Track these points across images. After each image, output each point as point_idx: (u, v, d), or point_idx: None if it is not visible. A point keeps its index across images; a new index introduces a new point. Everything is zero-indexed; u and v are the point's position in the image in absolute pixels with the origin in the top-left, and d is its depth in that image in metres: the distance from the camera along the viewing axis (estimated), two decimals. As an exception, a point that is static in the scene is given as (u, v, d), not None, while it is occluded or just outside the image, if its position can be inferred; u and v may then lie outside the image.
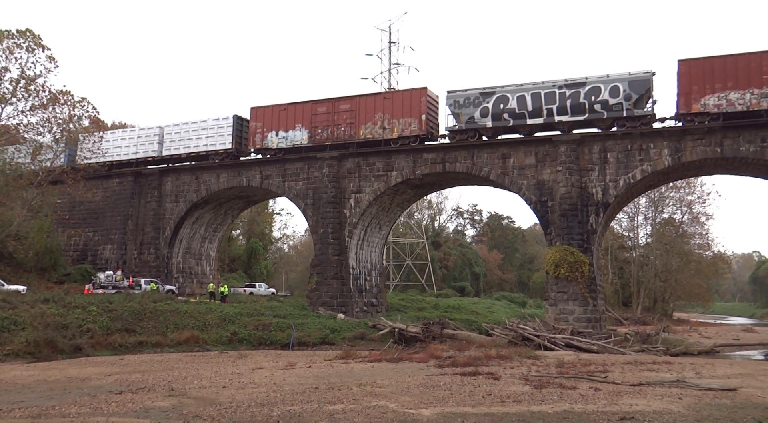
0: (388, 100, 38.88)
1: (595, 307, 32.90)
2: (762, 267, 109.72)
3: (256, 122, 42.12)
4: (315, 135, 40.31)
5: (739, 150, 31.40)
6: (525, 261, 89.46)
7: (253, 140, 42.16)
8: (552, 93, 34.50)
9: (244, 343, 31.14)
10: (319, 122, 40.26)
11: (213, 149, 43.23)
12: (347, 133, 39.46)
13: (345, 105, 39.80)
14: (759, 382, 19.38)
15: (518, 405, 14.64)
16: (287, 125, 41.07)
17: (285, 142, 41.06)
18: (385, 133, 38.35)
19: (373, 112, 38.85)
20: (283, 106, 41.41)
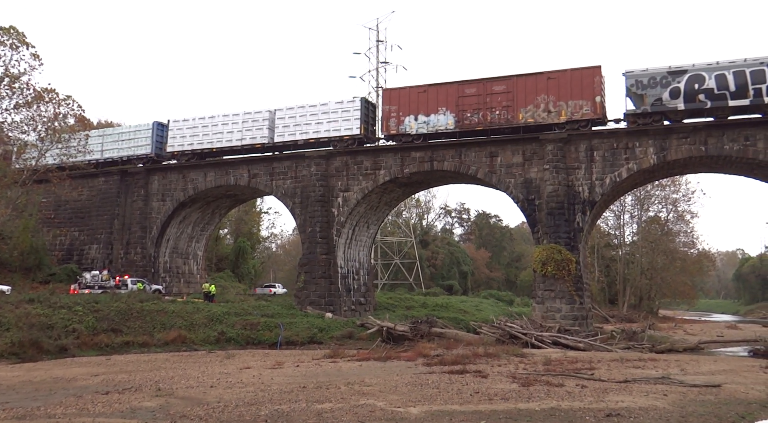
0: (554, 80, 35.04)
1: (581, 305, 33.12)
2: (745, 264, 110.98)
3: (390, 105, 38.29)
4: (463, 119, 36.58)
5: (723, 148, 31.74)
6: (512, 259, 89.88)
7: (386, 125, 38.39)
8: (760, 71, 31.05)
9: (231, 342, 31.04)
10: (467, 105, 36.49)
11: (337, 135, 39.49)
12: (503, 118, 35.73)
13: (499, 86, 36.10)
14: (742, 379, 19.61)
15: (506, 403, 14.72)
16: (428, 109, 37.26)
17: (426, 128, 37.29)
18: (551, 117, 34.84)
19: (534, 93, 35.25)
20: (422, 87, 37.76)
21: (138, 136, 45.85)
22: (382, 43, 59.11)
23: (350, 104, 39.71)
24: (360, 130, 38.95)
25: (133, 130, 46.48)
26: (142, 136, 45.71)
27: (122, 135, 46.72)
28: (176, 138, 44.45)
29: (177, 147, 44.30)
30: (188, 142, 43.92)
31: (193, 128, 43.98)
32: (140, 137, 45.72)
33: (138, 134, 45.91)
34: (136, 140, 45.79)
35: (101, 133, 47.42)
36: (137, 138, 45.83)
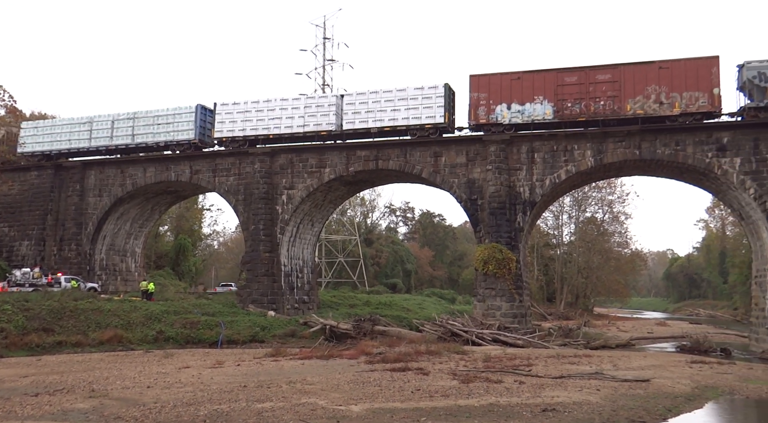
0: (666, 70, 33.04)
1: (521, 303, 33.91)
2: (675, 264, 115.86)
3: (479, 93, 35.66)
4: (562, 109, 34.45)
5: (656, 152, 33.07)
6: (455, 258, 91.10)
7: (474, 114, 35.64)
8: None
9: (170, 341, 30.35)
10: (567, 94, 34.41)
11: (417, 123, 36.62)
12: (608, 108, 33.71)
13: (604, 75, 34.07)
14: (670, 373, 20.53)
15: (446, 399, 14.96)
16: (523, 97, 34.95)
17: (520, 117, 34.91)
18: (662, 108, 32.96)
19: (643, 83, 33.28)
20: (515, 74, 35.38)
21: (178, 120, 41.70)
22: (329, 40, 58.98)
23: (432, 90, 36.75)
24: (444, 119, 36.28)
25: (171, 113, 42.10)
26: (183, 120, 41.57)
27: (158, 119, 42.29)
28: (225, 123, 40.42)
29: (226, 132, 40.28)
30: (239, 127, 40.09)
31: (245, 112, 40.19)
32: (181, 121, 41.60)
33: (178, 118, 41.76)
34: (176, 124, 41.68)
35: (131, 116, 42.98)
36: (177, 122, 41.68)
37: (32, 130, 45.27)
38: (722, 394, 17.80)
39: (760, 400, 17.58)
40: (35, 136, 44.99)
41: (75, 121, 44.35)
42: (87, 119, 43.82)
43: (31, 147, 44.86)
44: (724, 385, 18.92)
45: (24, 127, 45.48)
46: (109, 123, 43.11)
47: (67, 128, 44.28)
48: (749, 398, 17.61)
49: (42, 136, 44.80)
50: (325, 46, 58.84)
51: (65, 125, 44.60)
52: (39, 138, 44.83)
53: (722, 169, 31.95)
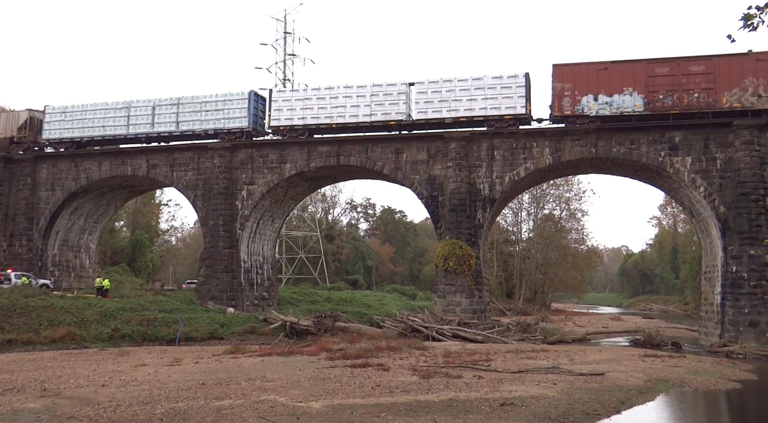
0: (764, 62, 31.95)
1: (480, 299, 34.32)
2: (629, 260, 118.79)
3: (563, 83, 34.31)
4: (654, 101, 33.26)
5: (611, 151, 33.84)
6: (416, 254, 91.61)
7: (558, 104, 34.30)
8: None
9: (126, 339, 29.73)
10: (658, 86, 33.17)
11: (496, 114, 35.07)
12: (703, 101, 32.50)
13: (697, 66, 32.83)
14: (623, 367, 21.07)
15: (406, 395, 15.04)
16: (610, 88, 33.74)
17: (608, 109, 33.67)
18: (761, 102, 31.92)
19: (739, 76, 32.15)
20: (602, 64, 34.12)
21: (229, 107, 39.28)
22: (290, 35, 58.44)
23: (512, 79, 35.25)
24: (526, 109, 34.88)
25: (221, 99, 39.58)
26: (235, 106, 39.13)
27: (206, 105, 39.77)
28: (282, 111, 38.26)
29: (284, 121, 38.15)
30: (299, 115, 38.09)
31: (305, 100, 38.14)
32: (232, 108, 39.20)
33: (229, 104, 39.31)
34: (227, 111, 39.27)
35: (174, 101, 40.37)
36: (228, 109, 39.27)
37: (59, 115, 42.09)
38: (673, 386, 18.38)
39: (709, 391, 18.21)
40: (62, 121, 41.91)
41: (110, 106, 41.45)
42: (124, 104, 41.05)
43: (59, 133, 41.90)
44: (674, 378, 19.53)
45: (49, 112, 42.32)
46: (150, 109, 40.48)
47: (101, 113, 41.37)
48: (698, 390, 18.23)
49: (71, 121, 41.76)
50: (286, 40, 58.30)
51: (99, 110, 41.56)
52: (67, 123, 41.80)
53: (674, 167, 32.90)
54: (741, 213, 31.36)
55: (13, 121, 43.07)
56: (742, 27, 10.79)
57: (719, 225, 32.02)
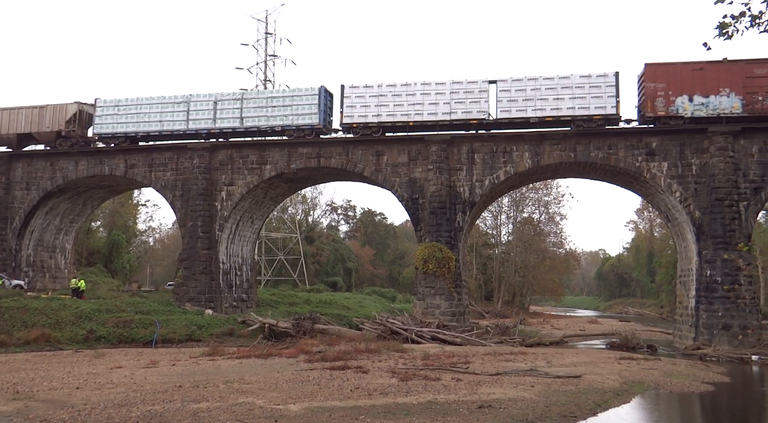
0: None
1: (459, 301, 34.46)
2: (606, 264, 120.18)
3: (656, 83, 33.28)
4: (752, 103, 32.42)
5: (590, 155, 34.22)
6: (396, 257, 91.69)
7: (650, 105, 33.25)
8: None
9: (102, 341, 29.34)
10: (757, 87, 32.18)
11: (584, 114, 34.16)
12: None
13: None
14: (600, 369, 21.29)
15: (385, 397, 15.04)
16: (706, 89, 32.74)
17: (704, 110, 32.65)
18: None
19: None
20: (698, 64, 32.79)
21: (298, 103, 37.75)
22: (271, 35, 58.26)
23: (601, 79, 34.41)
24: (616, 109, 33.97)
25: (290, 94, 38.19)
26: (305, 102, 37.65)
27: (272, 100, 38.31)
28: (355, 107, 36.85)
29: (357, 118, 36.72)
30: (373, 112, 36.71)
31: (379, 96, 36.75)
32: (301, 104, 37.69)
33: (298, 100, 37.79)
34: (295, 107, 37.74)
35: (238, 96, 38.97)
36: (296, 105, 37.74)
37: (111, 108, 40.31)
38: (648, 388, 18.63)
39: (683, 394, 18.49)
40: (115, 115, 40.23)
41: (168, 100, 39.69)
42: (183, 98, 39.27)
43: (111, 128, 40.07)
44: (650, 380, 19.79)
45: (101, 106, 40.48)
46: (211, 103, 38.91)
47: (158, 107, 39.65)
48: (672, 392, 18.50)
49: (124, 115, 40.09)
50: (267, 41, 58.10)
51: (155, 104, 39.87)
52: (120, 117, 40.09)
53: (651, 172, 33.37)
54: (715, 218, 31.91)
55: (61, 114, 40.95)
56: (718, 35, 11.01)
57: (694, 229, 32.54)
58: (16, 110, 41.56)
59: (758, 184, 32.16)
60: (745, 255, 31.05)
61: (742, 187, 32.16)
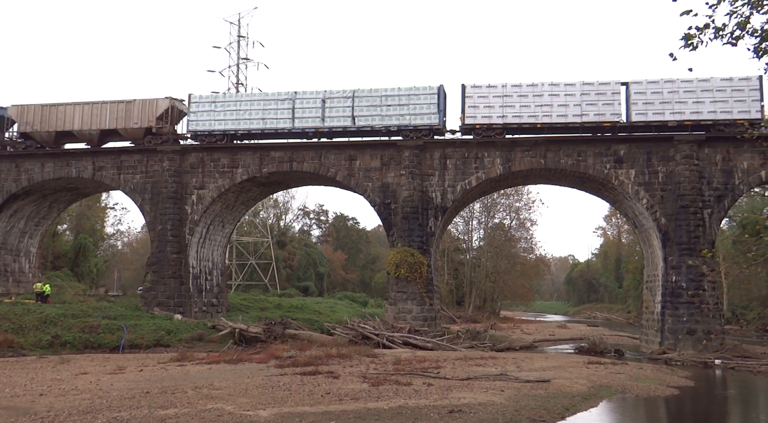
0: None
1: (431, 306, 34.58)
2: (575, 269, 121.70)
3: None
4: None
5: (560, 162, 34.70)
6: (368, 261, 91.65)
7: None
8: None
9: (67, 346, 28.75)
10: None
11: (727, 117, 32.77)
12: None
13: None
14: (568, 374, 21.56)
15: (356, 402, 15.03)
16: None
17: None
18: None
19: None
20: None
21: (415, 102, 35.95)
22: (244, 39, 57.93)
23: (744, 82, 32.76)
24: (762, 114, 32.01)
25: (406, 93, 36.18)
26: (423, 102, 35.86)
27: (387, 99, 36.28)
28: (478, 108, 35.14)
29: (480, 119, 35.03)
30: (497, 113, 35.05)
31: (504, 97, 35.11)
32: (419, 103, 35.91)
33: (415, 99, 35.97)
34: (411, 107, 35.94)
35: (348, 94, 36.81)
36: (413, 104, 35.96)
37: (207, 105, 38.24)
38: (615, 393, 18.93)
39: (649, 397, 18.83)
40: (212, 112, 38.14)
41: (270, 98, 37.73)
42: (287, 95, 37.23)
43: (208, 125, 37.98)
44: (617, 384, 20.12)
45: (196, 102, 38.34)
46: (319, 101, 36.90)
47: (259, 105, 37.65)
48: (638, 396, 18.83)
49: (223, 112, 38.00)
50: (240, 44, 57.74)
51: (256, 101, 38.01)
52: (218, 114, 38.00)
53: (619, 179, 33.97)
54: (680, 225, 32.60)
55: (151, 109, 38.76)
56: (683, 46, 11.30)
57: (660, 236, 33.19)
58: (99, 105, 39.30)
59: (721, 192, 32.96)
60: (709, 261, 31.75)
61: (707, 194, 32.94)
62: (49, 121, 39.32)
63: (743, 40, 11.06)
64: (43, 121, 39.39)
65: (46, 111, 39.43)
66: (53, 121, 39.28)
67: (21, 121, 39.74)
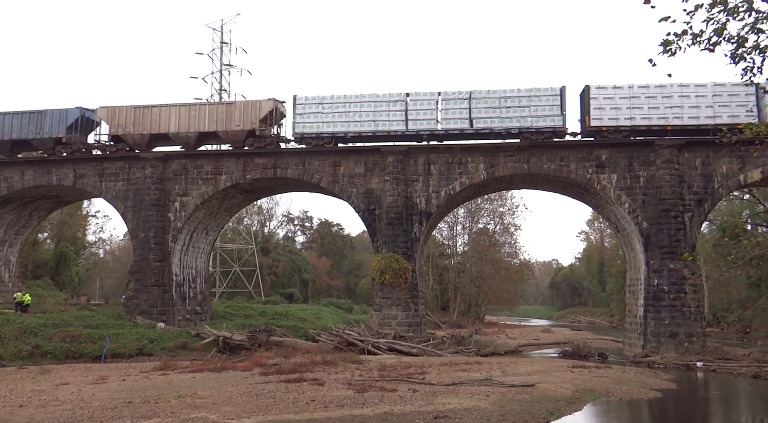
0: None
1: (416, 312, 34.59)
2: (559, 273, 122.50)
3: None
4: None
5: (543, 167, 34.94)
6: (353, 267, 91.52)
7: None
8: None
9: (48, 356, 28.35)
10: None
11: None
12: None
13: None
14: (553, 378, 21.66)
15: (341, 409, 14.97)
16: None
17: None
18: None
19: None
20: None
21: (536, 103, 34.99)
22: (227, 45, 57.79)
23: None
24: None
25: (527, 94, 35.20)
26: (545, 103, 34.88)
27: (506, 100, 35.26)
28: (604, 109, 34.16)
29: (607, 121, 34.06)
30: (625, 115, 33.92)
31: (631, 98, 34.02)
32: (541, 105, 34.95)
33: (536, 101, 35.03)
34: (533, 108, 34.95)
35: (465, 95, 35.65)
36: (535, 105, 34.98)
37: (314, 106, 36.73)
38: (599, 396, 19.04)
39: (632, 400, 18.97)
40: (320, 114, 36.71)
41: (382, 99, 36.33)
42: (399, 96, 36.22)
43: (316, 127, 36.47)
44: (600, 388, 20.24)
45: (302, 103, 36.88)
46: (433, 103, 35.84)
47: (370, 106, 36.27)
48: (622, 400, 18.97)
49: (330, 114, 36.59)
50: (223, 50, 57.59)
51: (367, 102, 36.43)
52: (326, 117, 36.59)
53: (601, 184, 34.28)
54: (662, 228, 32.95)
55: (254, 111, 37.42)
56: (662, 52, 11.47)
57: (642, 240, 33.51)
58: (197, 106, 38.29)
59: (701, 196, 33.38)
60: (690, 264, 32.11)
61: (687, 198, 33.34)
62: (142, 124, 37.93)
63: (720, 46, 11.26)
64: (135, 123, 37.97)
65: (139, 112, 38.07)
66: (147, 123, 37.91)
67: (112, 123, 38.25)
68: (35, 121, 38.57)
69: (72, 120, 38.39)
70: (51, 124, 38.43)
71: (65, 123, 38.29)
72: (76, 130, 38.63)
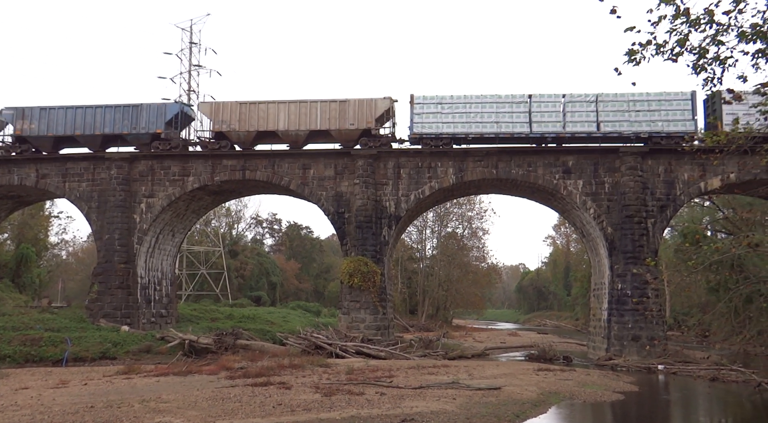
0: None
1: (384, 315, 34.64)
2: (525, 277, 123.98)
3: None
4: None
5: (511, 172, 35.36)
6: (322, 271, 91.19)
7: None
8: None
9: (6, 361, 27.62)
10: None
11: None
12: None
13: None
14: (519, 381, 21.91)
15: (308, 413, 14.92)
16: None
17: None
18: None
19: None
20: None
21: (666, 108, 34.15)
22: (196, 45, 57.09)
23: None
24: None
25: (656, 98, 34.31)
26: (675, 108, 34.07)
27: (635, 104, 34.38)
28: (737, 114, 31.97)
29: None
30: None
31: None
32: (671, 109, 34.10)
33: (666, 105, 34.20)
34: (663, 113, 34.13)
35: (592, 98, 34.61)
36: (665, 110, 34.15)
37: (433, 106, 35.44)
38: (564, 399, 19.33)
39: (596, 403, 19.30)
40: (438, 114, 35.40)
41: (504, 100, 35.13)
42: (522, 97, 35.11)
43: (435, 127, 35.20)
44: (565, 390, 20.54)
45: (420, 102, 35.49)
46: (558, 105, 34.93)
47: (491, 107, 35.07)
48: (586, 402, 19.28)
49: (450, 114, 35.32)
50: (192, 51, 56.87)
51: (488, 103, 35.16)
52: (446, 117, 35.27)
53: (567, 190, 34.83)
54: (626, 234, 33.62)
55: (370, 110, 36.02)
56: (627, 61, 11.75)
57: (607, 245, 34.14)
58: (308, 103, 36.44)
59: (664, 203, 34.17)
60: (652, 269, 32.81)
61: (650, 204, 34.09)
62: (249, 120, 36.51)
63: (682, 56, 11.58)
64: (241, 120, 36.52)
65: (244, 109, 36.61)
66: (254, 120, 36.49)
67: (216, 120, 36.74)
68: (130, 116, 37.10)
69: (171, 115, 37.08)
70: (148, 118, 36.96)
71: (164, 118, 36.91)
72: (175, 125, 37.47)
